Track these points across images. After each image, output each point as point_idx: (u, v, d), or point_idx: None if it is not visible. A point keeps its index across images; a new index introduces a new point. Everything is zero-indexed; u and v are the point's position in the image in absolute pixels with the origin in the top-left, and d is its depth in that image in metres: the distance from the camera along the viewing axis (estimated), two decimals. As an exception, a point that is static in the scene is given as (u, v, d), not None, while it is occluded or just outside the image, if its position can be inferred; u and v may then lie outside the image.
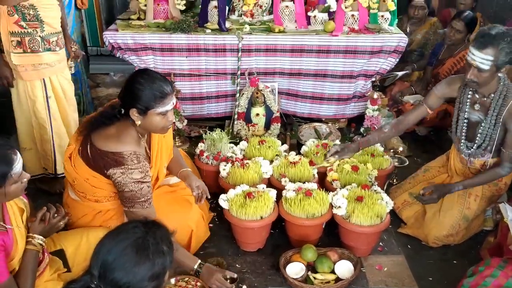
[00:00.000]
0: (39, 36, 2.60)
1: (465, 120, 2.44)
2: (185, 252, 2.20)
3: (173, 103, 2.02)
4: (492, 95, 2.31)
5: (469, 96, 2.41)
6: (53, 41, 2.68)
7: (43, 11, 2.58)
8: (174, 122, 3.32)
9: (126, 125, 2.03)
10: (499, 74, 2.27)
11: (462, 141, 2.49)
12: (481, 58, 2.14)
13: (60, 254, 2.05)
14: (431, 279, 2.39)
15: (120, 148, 1.98)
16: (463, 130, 2.47)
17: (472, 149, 2.46)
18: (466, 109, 2.43)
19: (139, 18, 3.63)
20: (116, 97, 2.12)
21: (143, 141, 2.13)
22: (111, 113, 2.07)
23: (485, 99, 2.35)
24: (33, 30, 2.57)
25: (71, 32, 3.25)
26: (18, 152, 1.70)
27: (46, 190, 2.96)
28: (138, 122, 1.99)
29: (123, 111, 2.01)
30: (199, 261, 2.15)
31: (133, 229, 1.40)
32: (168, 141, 2.32)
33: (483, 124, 2.37)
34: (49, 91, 2.74)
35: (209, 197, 2.41)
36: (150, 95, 1.93)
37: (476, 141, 2.43)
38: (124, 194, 2.00)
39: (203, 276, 2.13)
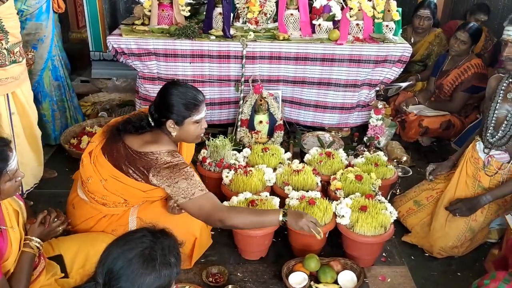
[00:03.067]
0: (5, 48, 2.50)
1: (495, 112, 2.43)
2: (264, 210, 2.20)
3: (205, 111, 2.10)
4: None
5: (504, 86, 2.42)
6: (16, 52, 2.59)
7: (6, 22, 2.48)
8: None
9: (160, 134, 2.09)
10: None
11: (490, 131, 2.46)
12: None
13: (58, 259, 2.02)
14: (434, 291, 2.37)
15: (158, 148, 2.03)
16: (493, 121, 2.45)
17: (496, 137, 2.43)
18: (499, 100, 2.43)
19: (143, 24, 3.63)
20: (127, 104, 2.14)
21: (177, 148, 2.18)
22: (140, 123, 2.10)
23: None
24: None
25: (51, 36, 3.21)
26: (14, 150, 1.68)
27: None
28: (174, 133, 2.06)
29: (153, 124, 2.07)
30: (281, 210, 2.07)
31: (141, 238, 1.37)
32: (191, 150, 2.39)
33: (511, 112, 2.37)
34: (12, 107, 2.65)
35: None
36: (186, 105, 2.02)
37: (502, 129, 2.40)
38: (180, 185, 1.97)
39: (291, 224, 2.05)
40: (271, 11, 3.68)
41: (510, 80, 2.40)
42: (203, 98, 2.08)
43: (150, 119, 2.09)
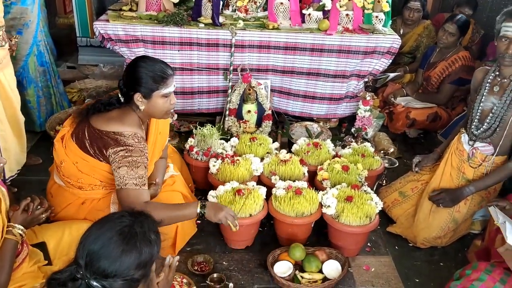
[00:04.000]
0: None
1: (481, 104, 2.46)
2: (181, 204, 2.17)
3: (174, 85, 2.08)
4: None
5: (490, 79, 2.44)
6: None
7: None
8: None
9: (127, 110, 2.07)
10: None
11: (474, 123, 2.48)
12: None
13: (41, 247, 2.01)
14: (417, 280, 2.40)
15: (122, 129, 2.00)
16: (478, 113, 2.46)
17: (480, 130, 2.45)
18: (485, 93, 2.45)
19: (131, 9, 3.57)
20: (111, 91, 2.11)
21: (143, 128, 2.14)
22: (109, 101, 2.09)
23: (505, 80, 2.38)
24: None
25: (37, 21, 3.15)
26: None
27: None
28: (142, 107, 2.04)
29: (122, 99, 2.06)
30: (199, 202, 2.09)
31: (120, 218, 1.38)
32: (163, 138, 2.34)
33: (497, 105, 2.39)
34: None
35: None
36: (154, 77, 2.00)
37: (487, 121, 2.42)
38: (120, 171, 1.96)
39: (209, 216, 2.07)
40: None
41: (497, 73, 2.42)
42: (172, 72, 2.06)
43: (119, 94, 2.07)
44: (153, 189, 2.25)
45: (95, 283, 1.29)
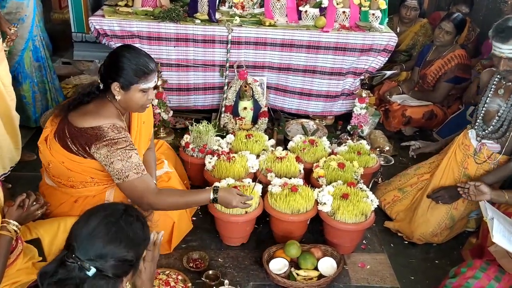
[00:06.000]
0: None
1: (485, 105, 2.50)
2: (194, 190, 2.16)
3: (155, 81, 2.01)
4: None
5: (495, 81, 2.47)
6: None
7: None
8: (160, 114, 3.28)
9: (105, 102, 2.01)
10: None
11: (478, 121, 2.51)
12: (508, 50, 2.28)
13: (36, 243, 1.99)
14: (412, 278, 2.40)
15: (99, 122, 1.95)
16: (482, 113, 2.50)
17: (486, 131, 2.48)
18: (490, 95, 2.48)
19: (126, 5, 3.55)
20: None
21: (123, 119, 2.09)
22: (89, 90, 2.03)
23: (510, 84, 2.42)
24: None
25: (33, 15, 3.13)
26: None
27: None
28: (118, 97, 1.97)
29: (102, 86, 1.99)
30: (212, 188, 2.07)
31: (112, 205, 1.40)
32: (147, 127, 2.28)
33: (503, 107, 2.42)
34: None
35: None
36: (135, 70, 1.93)
37: (493, 123, 2.45)
38: (115, 166, 1.93)
39: (222, 201, 2.06)
40: (258, -4, 3.65)
41: (500, 77, 2.44)
42: (155, 68, 1.99)
43: (99, 80, 2.01)
44: None
45: (87, 265, 1.28)
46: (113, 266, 1.30)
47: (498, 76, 2.45)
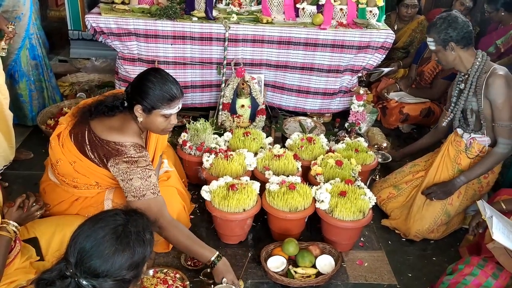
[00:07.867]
0: None
1: (453, 99, 2.58)
2: (202, 243, 2.13)
3: (179, 108, 2.03)
4: (470, 69, 2.48)
5: (460, 79, 2.55)
6: None
7: None
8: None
9: (128, 119, 2.05)
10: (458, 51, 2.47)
11: (454, 122, 2.59)
12: (429, 42, 2.52)
13: (33, 242, 1.99)
14: (410, 275, 2.41)
15: (122, 139, 1.98)
16: (456, 109, 2.57)
17: (464, 126, 2.54)
18: (455, 92, 2.58)
19: (123, 2, 3.53)
20: (103, 84, 2.08)
21: (143, 136, 2.13)
22: (113, 103, 2.06)
23: (467, 76, 2.50)
24: None
25: (29, 14, 3.11)
26: None
27: None
28: (140, 119, 2.01)
29: (126, 104, 2.02)
30: (217, 252, 2.08)
31: (114, 217, 1.36)
32: (163, 142, 2.33)
33: (464, 94, 2.50)
34: None
35: None
36: (159, 96, 1.95)
37: (469, 118, 2.51)
38: (133, 183, 1.94)
39: (217, 269, 2.05)
40: (255, -7, 3.64)
41: (460, 74, 2.56)
42: (179, 94, 2.00)
43: (125, 99, 2.04)
44: None
45: (84, 282, 1.26)
46: (111, 285, 1.29)
47: (459, 74, 2.55)
